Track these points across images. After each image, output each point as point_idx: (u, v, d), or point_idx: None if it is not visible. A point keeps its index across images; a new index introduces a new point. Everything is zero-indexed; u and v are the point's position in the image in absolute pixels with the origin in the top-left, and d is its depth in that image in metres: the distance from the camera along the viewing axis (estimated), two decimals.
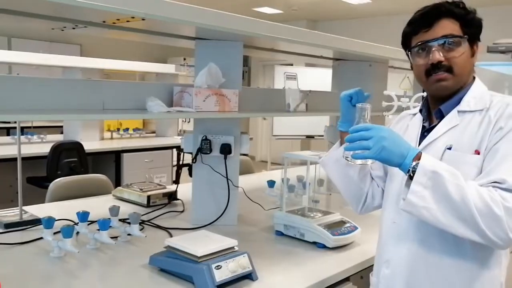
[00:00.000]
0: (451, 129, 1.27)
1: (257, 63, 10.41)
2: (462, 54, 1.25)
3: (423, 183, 1.13)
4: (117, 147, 4.92)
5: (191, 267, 1.44)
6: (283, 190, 2.08)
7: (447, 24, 1.24)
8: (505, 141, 1.17)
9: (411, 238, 1.28)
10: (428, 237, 1.25)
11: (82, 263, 1.64)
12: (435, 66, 1.24)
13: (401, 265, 1.31)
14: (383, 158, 1.16)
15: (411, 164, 1.14)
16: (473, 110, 1.26)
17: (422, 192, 1.13)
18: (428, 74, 1.27)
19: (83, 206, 1.92)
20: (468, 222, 1.10)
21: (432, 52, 1.24)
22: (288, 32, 1.98)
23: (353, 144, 1.18)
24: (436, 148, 1.26)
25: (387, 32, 8.37)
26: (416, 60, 1.29)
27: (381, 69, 2.89)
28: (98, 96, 1.73)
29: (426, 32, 1.26)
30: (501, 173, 1.13)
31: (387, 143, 1.14)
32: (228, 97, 1.92)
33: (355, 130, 1.19)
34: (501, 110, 1.22)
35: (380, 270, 1.39)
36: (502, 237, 1.09)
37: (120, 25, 1.68)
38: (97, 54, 6.16)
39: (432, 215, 1.13)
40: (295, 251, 1.83)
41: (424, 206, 1.13)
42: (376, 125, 1.18)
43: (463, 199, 1.10)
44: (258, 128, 10.05)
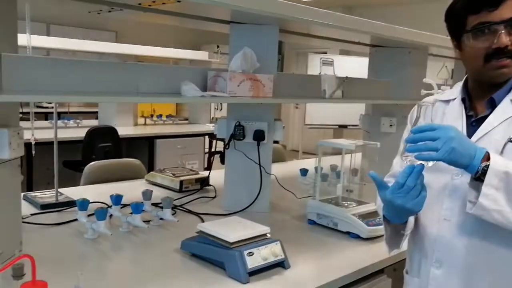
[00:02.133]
0: (508, 120, 1.18)
1: (290, 50, 10.31)
2: None
3: (494, 185, 1.06)
4: (150, 132, 4.98)
5: (223, 253, 1.42)
6: (316, 178, 2.04)
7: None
8: None
9: (468, 236, 1.20)
10: (486, 232, 1.16)
11: (115, 245, 1.65)
12: (499, 51, 1.14)
13: (457, 264, 1.22)
14: (451, 160, 1.08)
15: (479, 165, 1.07)
16: None
17: (494, 195, 1.07)
18: (488, 59, 1.16)
19: (116, 190, 1.93)
20: None
21: (498, 36, 1.13)
22: (326, 16, 1.92)
23: (418, 145, 1.10)
24: (494, 140, 1.18)
25: (429, 19, 8.13)
26: (473, 42, 1.17)
27: (420, 56, 2.79)
28: (132, 79, 1.73)
29: (491, 12, 1.13)
30: None
31: (456, 144, 1.07)
32: (262, 82, 1.89)
33: (420, 130, 1.11)
34: None
35: (427, 270, 1.28)
36: None
37: (155, 7, 1.66)
38: (132, 41, 6.21)
39: (505, 218, 1.07)
40: (328, 240, 1.80)
41: (496, 209, 1.07)
42: (442, 125, 1.12)
43: None
44: (290, 117, 9.97)
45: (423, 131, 1.11)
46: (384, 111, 2.75)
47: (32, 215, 1.88)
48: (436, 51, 2.97)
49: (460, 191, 1.20)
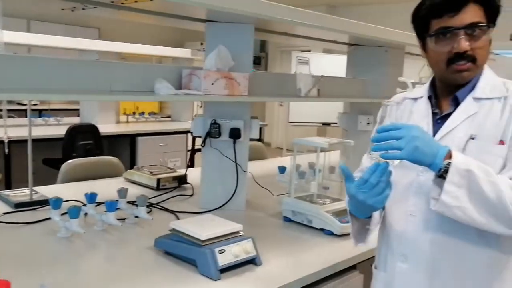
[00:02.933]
0: (470, 117, 1.21)
1: (274, 49, 10.32)
2: (486, 42, 1.18)
3: (456, 183, 1.09)
4: (132, 130, 4.96)
5: (195, 250, 1.43)
6: (291, 176, 2.06)
7: (475, 10, 1.16)
8: None
9: (433, 231, 1.23)
10: (450, 228, 1.19)
11: (88, 244, 1.65)
12: (459, 56, 1.17)
13: (422, 259, 1.25)
14: (414, 159, 1.10)
15: (442, 163, 1.10)
16: (490, 98, 1.21)
17: (456, 192, 1.09)
18: (449, 63, 1.19)
19: (93, 188, 1.93)
20: (504, 218, 1.08)
21: (458, 41, 1.15)
22: (300, 15, 1.94)
23: (382, 144, 1.12)
24: (456, 138, 1.20)
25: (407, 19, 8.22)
26: (435, 46, 1.20)
27: (397, 55, 2.83)
28: (106, 77, 1.72)
29: (452, 17, 1.16)
30: None
31: (419, 142, 1.09)
32: (237, 80, 1.90)
33: (384, 129, 1.13)
34: None
35: (393, 265, 1.31)
36: None
37: (128, 5, 1.67)
38: (115, 38, 6.16)
39: (466, 214, 1.10)
40: (302, 237, 1.82)
41: (458, 206, 1.10)
42: (405, 124, 1.14)
43: (498, 197, 1.07)
44: (274, 115, 10.00)
45: (387, 130, 1.13)
46: (361, 109, 2.78)
47: (5, 214, 1.87)
48: (413, 50, 3.02)
49: (425, 188, 1.22)
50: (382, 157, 1.14)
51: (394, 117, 1.34)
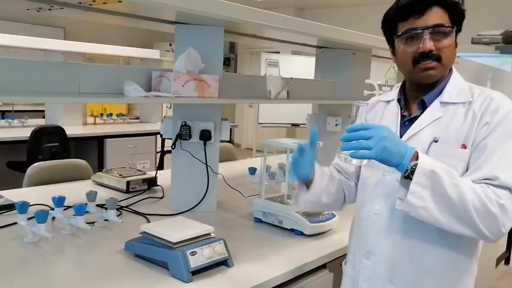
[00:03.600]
0: (435, 121, 1.25)
1: (243, 50, 10.35)
2: (450, 43, 1.23)
3: (422, 183, 1.12)
4: (100, 132, 4.87)
5: (166, 253, 1.43)
6: (262, 177, 2.08)
7: (439, 13, 1.21)
8: (493, 136, 1.18)
9: (395, 230, 1.27)
10: (412, 228, 1.24)
11: (57, 249, 1.62)
12: (425, 55, 1.21)
13: (385, 256, 1.29)
14: (382, 159, 1.13)
15: (409, 164, 1.13)
16: (455, 102, 1.25)
17: (421, 193, 1.13)
18: (416, 62, 1.24)
19: (60, 191, 1.89)
20: (466, 219, 1.12)
21: (423, 41, 1.20)
22: (269, 18, 1.96)
23: (351, 144, 1.15)
24: (421, 140, 1.25)
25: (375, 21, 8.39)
26: (403, 47, 1.25)
27: (364, 58, 2.89)
28: (74, 79, 1.70)
29: (417, 19, 1.21)
30: (492, 170, 1.15)
31: (387, 143, 1.12)
32: (207, 82, 1.90)
33: (354, 129, 1.16)
34: (485, 104, 1.21)
35: (359, 261, 1.36)
36: (495, 233, 1.13)
37: (96, 7, 1.65)
38: (81, 37, 6.05)
39: (430, 214, 1.14)
40: (273, 238, 1.84)
41: (422, 206, 1.13)
42: (375, 124, 1.17)
43: (461, 198, 1.11)
44: (244, 116, 10.02)
45: (357, 130, 1.16)
46: (329, 111, 2.83)
47: None
48: (381, 53, 3.09)
49: (390, 188, 1.27)
50: (351, 156, 1.18)
51: (364, 118, 1.38)
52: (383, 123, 1.33)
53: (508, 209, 1.12)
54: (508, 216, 1.12)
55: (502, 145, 1.17)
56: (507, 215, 1.12)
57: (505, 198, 1.12)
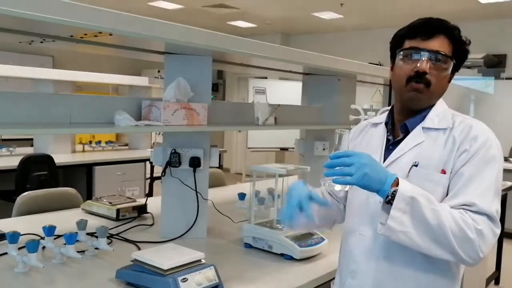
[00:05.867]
0: (417, 146, 1.30)
1: (231, 76, 10.47)
2: (444, 74, 1.29)
3: (401, 209, 1.16)
4: (89, 160, 4.86)
5: (158, 280, 1.44)
6: (251, 202, 2.10)
7: (445, 42, 1.28)
8: (471, 164, 1.23)
9: (378, 249, 1.31)
10: (394, 252, 1.28)
11: (47, 278, 1.62)
12: (418, 75, 1.27)
13: (368, 276, 1.33)
14: (364, 185, 1.18)
15: (389, 190, 1.18)
16: (437, 128, 1.30)
17: (401, 218, 1.17)
18: (408, 81, 1.29)
19: (50, 220, 1.90)
20: (444, 244, 1.16)
21: (421, 61, 1.26)
22: (257, 47, 2.02)
23: (334, 170, 1.20)
24: (402, 164, 1.30)
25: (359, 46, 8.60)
26: (401, 63, 1.31)
27: (349, 83, 2.96)
28: (66, 109, 1.73)
29: (423, 41, 1.27)
30: (469, 196, 1.19)
31: (368, 169, 1.17)
32: (196, 111, 1.95)
33: (336, 156, 1.21)
34: (465, 131, 1.27)
35: (345, 280, 1.40)
36: (473, 257, 1.17)
37: (88, 39, 1.70)
38: (70, 66, 6.11)
39: (410, 238, 1.17)
40: (263, 263, 1.86)
41: (402, 231, 1.17)
42: (356, 152, 1.22)
43: (439, 223, 1.15)
44: (233, 141, 10.07)
45: (339, 157, 1.21)
46: (317, 136, 2.88)
47: None
48: (364, 78, 3.17)
49: (374, 210, 1.31)
50: (334, 182, 1.22)
51: (347, 145, 1.43)
52: (369, 146, 1.39)
53: (485, 235, 1.16)
54: (485, 241, 1.16)
55: (480, 172, 1.22)
56: (484, 240, 1.16)
57: (482, 223, 1.17)
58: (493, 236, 1.18)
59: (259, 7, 7.36)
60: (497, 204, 1.21)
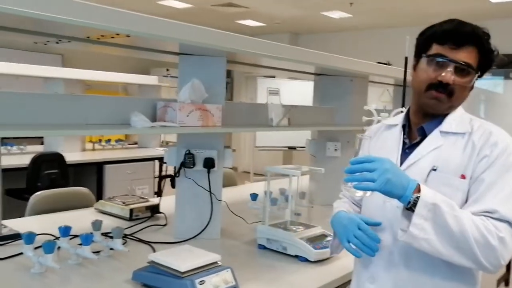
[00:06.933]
0: (435, 149, 1.28)
1: (239, 75, 10.47)
2: (467, 86, 1.27)
3: (423, 216, 1.15)
4: (99, 158, 4.89)
5: (175, 282, 1.44)
6: (265, 204, 2.10)
7: (473, 53, 1.24)
8: (492, 170, 1.21)
9: (397, 255, 1.30)
10: (413, 254, 1.26)
11: (64, 279, 1.63)
12: (441, 85, 1.25)
13: (388, 282, 1.32)
14: (386, 191, 1.16)
15: (411, 196, 1.16)
16: (455, 132, 1.29)
17: (423, 224, 1.15)
18: (430, 88, 1.27)
19: (64, 220, 1.91)
20: (466, 251, 1.15)
21: (446, 71, 1.24)
22: (272, 48, 2.02)
23: (355, 176, 1.18)
24: (421, 168, 1.28)
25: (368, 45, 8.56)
26: (425, 66, 1.28)
27: (361, 84, 2.95)
28: (81, 110, 1.73)
29: (452, 49, 1.24)
30: (491, 203, 1.18)
31: (391, 175, 1.15)
32: (211, 112, 1.94)
33: (357, 161, 1.19)
34: (484, 137, 1.25)
35: (363, 285, 1.39)
36: (495, 264, 1.16)
37: (104, 40, 1.70)
38: (79, 64, 6.12)
39: (431, 245, 1.16)
40: (278, 264, 1.85)
41: (424, 238, 1.16)
42: (378, 157, 1.20)
43: (461, 230, 1.14)
44: (241, 139, 10.07)
45: (361, 162, 1.19)
46: (329, 136, 2.87)
47: None
48: (376, 78, 3.15)
49: (390, 214, 1.30)
50: (355, 188, 1.21)
51: (367, 151, 1.41)
52: (384, 149, 1.37)
53: (507, 242, 1.15)
54: (507, 248, 1.15)
55: (501, 179, 1.20)
56: (506, 247, 1.15)
57: (505, 231, 1.15)
58: None
59: (268, 6, 7.35)
60: None
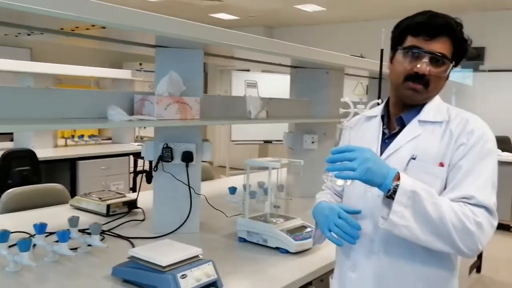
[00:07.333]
0: (414, 139, 1.30)
1: (214, 68, 10.40)
2: (443, 75, 1.29)
3: (403, 203, 1.17)
4: (72, 154, 4.79)
5: (156, 277, 1.43)
6: (245, 196, 2.10)
7: (447, 43, 1.26)
8: (469, 157, 1.24)
9: (377, 243, 1.32)
10: (394, 241, 1.28)
11: (40, 277, 1.59)
12: (417, 76, 1.27)
13: (369, 269, 1.33)
14: (366, 179, 1.18)
15: (391, 185, 1.18)
16: (433, 121, 1.31)
17: (403, 212, 1.17)
18: (406, 79, 1.28)
19: (39, 217, 1.86)
20: (444, 237, 1.17)
21: (421, 63, 1.25)
22: (249, 40, 2.01)
23: (336, 165, 1.20)
24: (400, 157, 1.30)
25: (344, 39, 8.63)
26: (401, 59, 1.30)
27: (337, 76, 2.96)
28: (55, 105, 1.69)
29: (426, 41, 1.26)
30: (468, 189, 1.21)
31: (371, 164, 1.17)
32: (189, 104, 1.92)
33: (338, 151, 1.21)
34: (461, 125, 1.28)
35: (345, 274, 1.40)
36: (473, 249, 1.18)
37: (78, 32, 1.65)
38: (49, 58, 5.97)
39: (411, 232, 1.18)
40: (259, 257, 1.85)
41: (404, 225, 1.18)
42: (358, 146, 1.21)
43: (440, 217, 1.16)
44: (216, 134, 10.03)
45: (342, 152, 1.20)
46: (306, 129, 2.88)
47: None
48: (351, 71, 3.18)
49: (372, 203, 1.32)
50: (336, 177, 1.22)
51: (348, 140, 1.42)
52: (364, 140, 1.39)
53: (484, 227, 1.18)
54: (484, 233, 1.18)
55: (478, 166, 1.23)
56: (483, 232, 1.18)
57: (482, 216, 1.18)
58: (491, 228, 1.20)
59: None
60: (494, 197, 1.23)
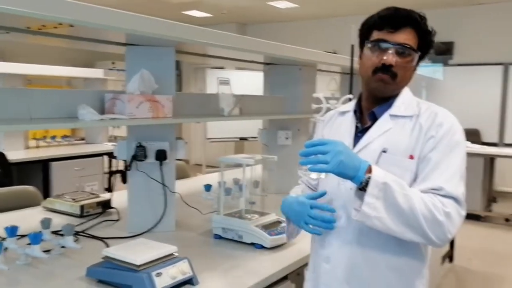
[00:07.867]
0: (385, 133, 1.34)
1: (188, 66, 10.34)
2: (410, 66, 1.33)
3: (375, 195, 1.20)
4: (44, 155, 4.70)
5: (131, 276, 1.42)
6: (220, 193, 2.10)
7: (411, 34, 1.30)
8: (438, 149, 1.28)
9: (351, 235, 1.34)
10: (366, 232, 1.31)
11: (12, 280, 1.56)
12: (385, 68, 1.30)
13: (342, 260, 1.36)
14: (339, 172, 1.20)
15: (363, 177, 1.21)
16: (404, 116, 1.34)
17: (375, 203, 1.20)
18: (375, 72, 1.32)
19: (10, 220, 1.83)
20: (415, 227, 1.21)
21: (387, 54, 1.29)
22: (221, 37, 2.01)
23: (310, 159, 1.22)
24: (372, 151, 1.33)
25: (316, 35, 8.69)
26: (369, 53, 1.33)
27: (310, 73, 2.99)
28: (24, 105, 1.66)
29: (390, 33, 1.29)
30: (437, 181, 1.24)
31: (343, 157, 1.19)
32: (161, 103, 1.92)
33: (312, 144, 1.22)
34: (431, 118, 1.32)
35: (319, 265, 1.43)
36: (442, 238, 1.22)
37: (46, 31, 1.63)
38: (17, 58, 5.81)
39: (383, 223, 1.21)
40: (234, 253, 1.86)
41: (376, 216, 1.21)
42: (331, 140, 1.24)
43: (411, 207, 1.20)
44: (192, 132, 9.98)
45: (315, 145, 1.23)
46: (280, 125, 2.91)
47: None
48: (324, 67, 3.22)
49: (345, 196, 1.35)
50: (310, 170, 1.24)
51: (321, 134, 1.44)
52: (338, 134, 1.42)
53: (453, 217, 1.22)
54: (453, 223, 1.22)
55: (446, 157, 1.27)
56: (452, 222, 1.22)
57: (450, 206, 1.22)
58: (460, 217, 1.24)
59: None
60: (462, 188, 1.27)
